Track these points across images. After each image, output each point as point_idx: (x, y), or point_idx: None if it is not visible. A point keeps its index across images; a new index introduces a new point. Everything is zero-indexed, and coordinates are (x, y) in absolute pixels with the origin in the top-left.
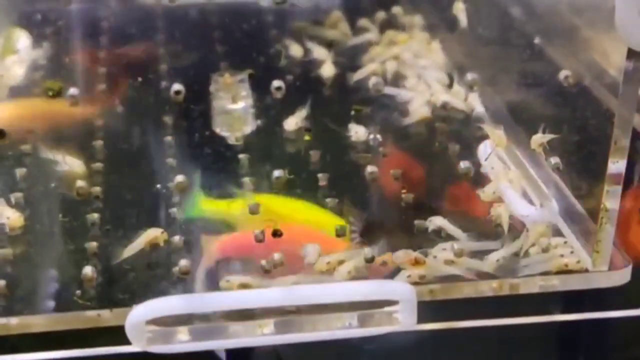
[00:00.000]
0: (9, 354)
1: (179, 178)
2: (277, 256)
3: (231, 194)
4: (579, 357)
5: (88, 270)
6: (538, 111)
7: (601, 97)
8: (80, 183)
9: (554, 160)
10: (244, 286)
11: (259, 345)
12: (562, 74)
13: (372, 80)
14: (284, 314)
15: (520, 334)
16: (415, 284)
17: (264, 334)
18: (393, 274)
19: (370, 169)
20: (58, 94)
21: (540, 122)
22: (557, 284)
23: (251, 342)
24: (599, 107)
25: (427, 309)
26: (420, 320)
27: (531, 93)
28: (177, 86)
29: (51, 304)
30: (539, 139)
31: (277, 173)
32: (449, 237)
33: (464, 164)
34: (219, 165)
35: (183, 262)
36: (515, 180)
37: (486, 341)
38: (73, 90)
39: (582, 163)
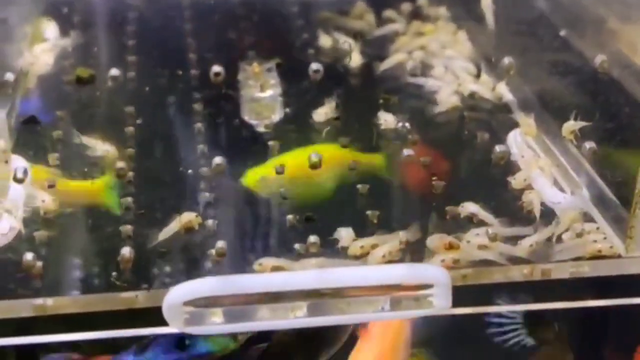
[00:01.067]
0: (44, 334)
1: (217, 160)
2: (312, 239)
3: None
4: (608, 344)
5: (126, 251)
6: (566, 100)
7: (629, 86)
8: (120, 164)
9: (589, 145)
10: (277, 269)
11: (291, 327)
12: (599, 59)
13: (407, 65)
14: (317, 297)
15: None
16: (448, 268)
17: (296, 317)
18: (425, 258)
19: (406, 152)
20: (89, 81)
21: (569, 110)
22: (587, 270)
23: (284, 324)
24: (627, 96)
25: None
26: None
27: (559, 82)
28: (216, 68)
29: (87, 285)
30: (571, 126)
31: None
32: (481, 224)
33: (499, 148)
34: (248, 151)
35: (219, 244)
36: (545, 168)
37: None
38: (114, 71)
39: (612, 151)
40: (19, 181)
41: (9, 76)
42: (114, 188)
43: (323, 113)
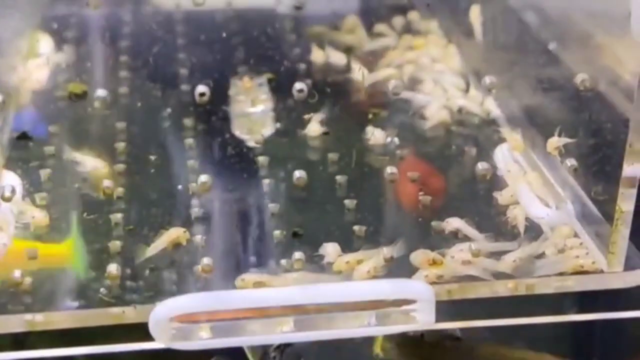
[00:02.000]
0: (31, 349)
1: (203, 178)
2: (297, 255)
3: None
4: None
5: (113, 268)
6: (553, 115)
7: (616, 101)
8: (106, 182)
9: (570, 162)
10: (259, 284)
11: (278, 342)
12: (579, 78)
13: (390, 84)
14: (303, 312)
15: (535, 334)
16: (432, 283)
17: (283, 332)
18: (410, 273)
19: (390, 169)
20: (81, 97)
21: (556, 125)
22: (572, 284)
23: (271, 339)
24: (613, 111)
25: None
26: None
27: (546, 97)
28: (201, 88)
29: (76, 301)
30: (555, 142)
31: (298, 174)
32: (466, 238)
33: (482, 166)
34: (238, 167)
35: (205, 261)
36: (533, 183)
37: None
38: (101, 92)
39: (597, 166)
40: (7, 200)
41: (1, 93)
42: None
43: (317, 127)
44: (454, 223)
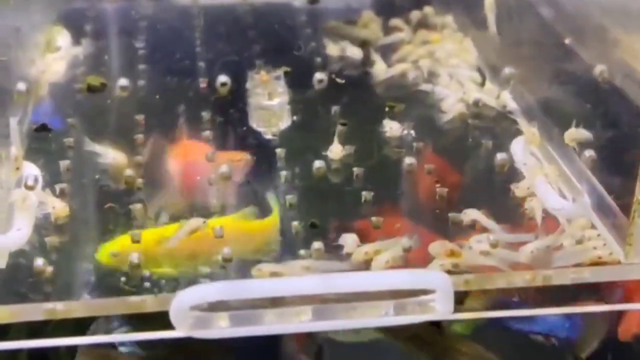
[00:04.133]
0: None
1: (223, 168)
2: (316, 245)
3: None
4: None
5: (134, 257)
6: (569, 108)
7: (632, 95)
8: (128, 172)
9: (589, 153)
10: (275, 274)
11: (297, 331)
12: (598, 69)
13: (409, 75)
14: (322, 302)
15: None
16: (448, 272)
17: (301, 321)
18: (427, 264)
19: (408, 160)
20: (100, 89)
21: (572, 118)
22: (589, 275)
23: (289, 328)
24: (630, 104)
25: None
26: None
27: (562, 90)
28: (223, 78)
29: (96, 290)
30: (574, 133)
31: (318, 164)
32: (483, 230)
33: (500, 156)
34: (256, 159)
35: (225, 250)
36: (550, 175)
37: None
38: (123, 81)
39: (614, 158)
40: (30, 188)
41: (21, 86)
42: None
43: (339, 150)
44: (471, 214)
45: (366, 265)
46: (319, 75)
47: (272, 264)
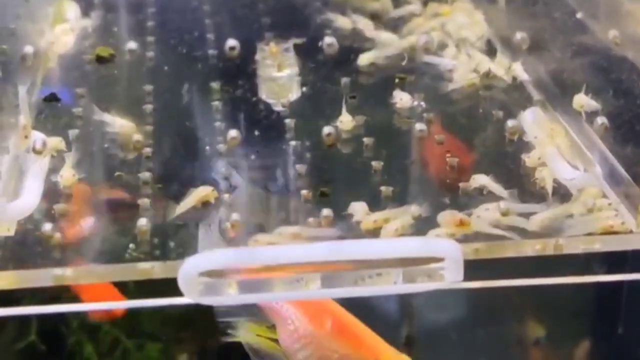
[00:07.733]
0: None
1: (232, 133)
2: (325, 212)
3: None
4: (619, 321)
5: (142, 222)
6: (581, 79)
7: None
8: (136, 137)
9: (601, 120)
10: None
11: (305, 299)
12: (611, 34)
13: (420, 40)
14: (331, 269)
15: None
16: (460, 242)
17: (310, 289)
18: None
19: (419, 126)
20: (109, 60)
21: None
22: (600, 245)
23: (298, 295)
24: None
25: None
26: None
27: (574, 62)
28: (231, 42)
29: (105, 256)
30: (582, 99)
31: (327, 130)
32: (492, 196)
33: (511, 123)
34: (265, 129)
35: (234, 217)
36: (559, 145)
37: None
38: (131, 45)
39: (625, 128)
40: (38, 152)
41: (29, 49)
42: None
43: (349, 121)
44: (479, 180)
45: (375, 233)
46: (328, 40)
47: (268, 234)
